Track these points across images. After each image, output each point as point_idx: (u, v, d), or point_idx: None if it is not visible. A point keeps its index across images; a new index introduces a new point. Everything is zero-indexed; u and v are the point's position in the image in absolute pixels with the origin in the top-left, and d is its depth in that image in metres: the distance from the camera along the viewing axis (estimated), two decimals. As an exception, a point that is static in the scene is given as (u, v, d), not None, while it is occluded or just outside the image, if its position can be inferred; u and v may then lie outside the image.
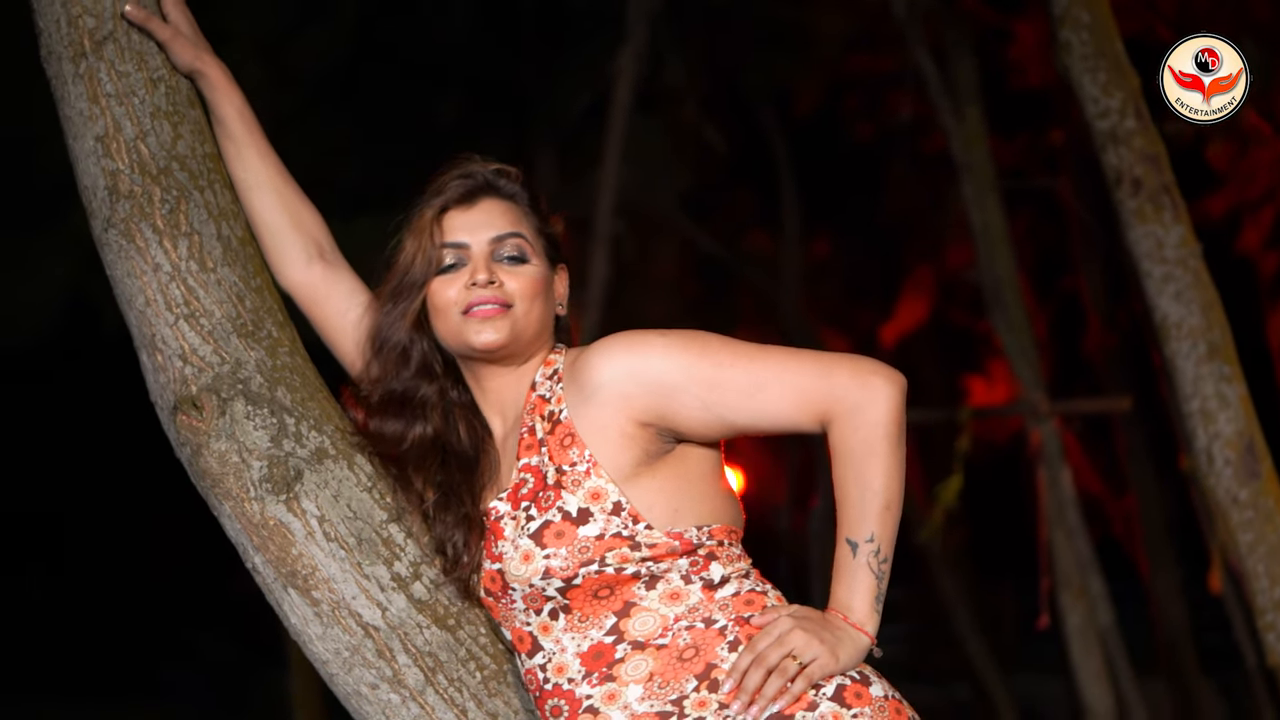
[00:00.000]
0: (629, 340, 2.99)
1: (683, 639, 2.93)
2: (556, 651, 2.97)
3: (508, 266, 3.06)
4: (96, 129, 3.17)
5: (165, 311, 3.11)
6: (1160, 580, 13.47)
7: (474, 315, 3.04)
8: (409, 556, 3.09)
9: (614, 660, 2.94)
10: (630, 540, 2.94)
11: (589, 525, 2.93)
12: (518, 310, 3.05)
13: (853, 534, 2.94)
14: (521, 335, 3.06)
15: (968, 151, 9.69)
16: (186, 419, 3.07)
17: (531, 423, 3.05)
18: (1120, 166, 6.03)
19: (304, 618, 3.08)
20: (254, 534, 3.06)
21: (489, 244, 3.06)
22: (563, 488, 2.96)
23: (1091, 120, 6.10)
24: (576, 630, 2.96)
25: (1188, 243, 6.00)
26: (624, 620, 2.95)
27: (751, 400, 2.96)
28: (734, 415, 2.97)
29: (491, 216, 3.08)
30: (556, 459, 2.98)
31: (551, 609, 2.97)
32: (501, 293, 3.04)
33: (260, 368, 3.11)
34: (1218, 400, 5.90)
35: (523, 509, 2.99)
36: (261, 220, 3.27)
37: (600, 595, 2.95)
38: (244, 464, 3.05)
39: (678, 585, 2.96)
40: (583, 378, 3.00)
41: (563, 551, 2.93)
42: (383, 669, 3.06)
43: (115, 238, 3.14)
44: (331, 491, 3.07)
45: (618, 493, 2.95)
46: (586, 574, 2.93)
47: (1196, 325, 5.94)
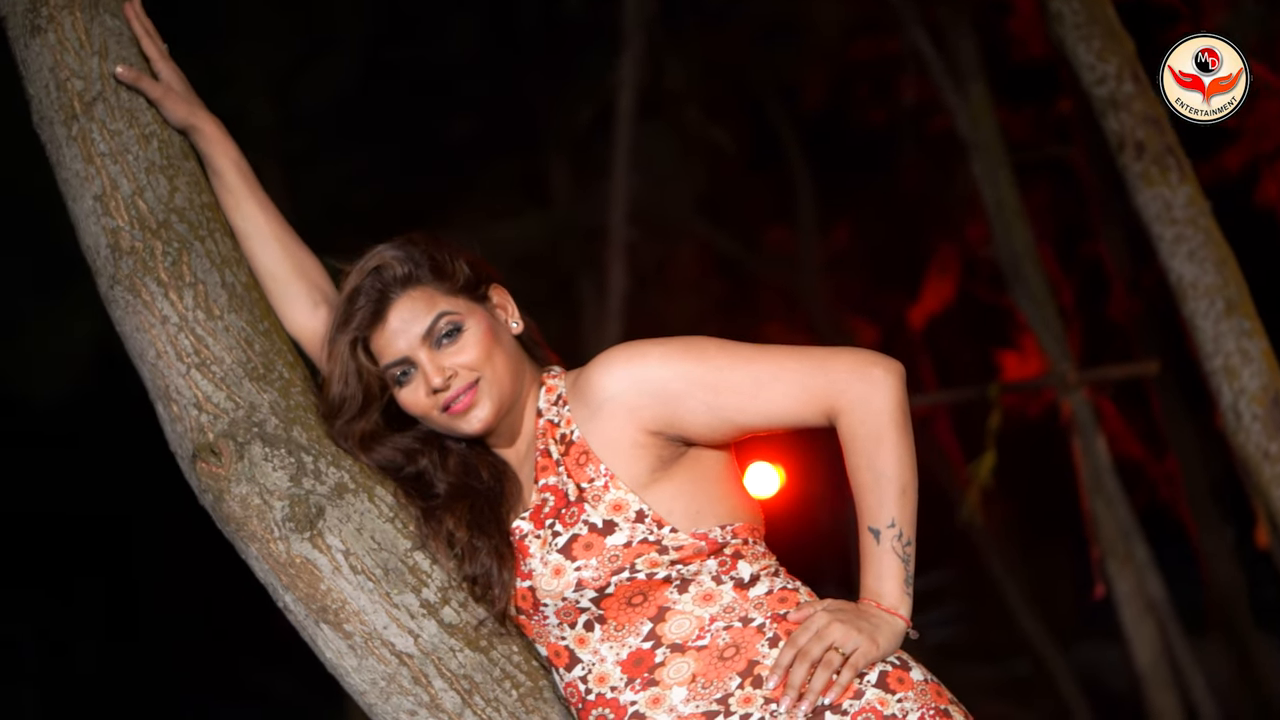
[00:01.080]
0: (628, 353, 3.04)
1: (722, 639, 2.98)
2: (596, 662, 3.01)
3: (449, 347, 3.07)
4: (94, 188, 3.22)
5: (176, 362, 3.16)
6: (1208, 540, 13.40)
7: (453, 411, 3.07)
8: (436, 582, 3.12)
9: (655, 664, 2.98)
10: (657, 545, 3.00)
11: (615, 535, 2.99)
12: (486, 376, 3.08)
13: (874, 522, 2.98)
14: (504, 393, 3.10)
15: (975, 129, 9.68)
16: (206, 466, 3.12)
17: (544, 445, 3.09)
18: (1122, 131, 6.02)
19: (338, 651, 3.12)
20: (282, 573, 3.11)
21: (421, 342, 3.07)
22: (585, 502, 3.01)
23: (1089, 88, 6.10)
24: (614, 639, 3.00)
25: (1195, 202, 5.98)
26: (660, 625, 2.99)
27: (755, 400, 3.00)
28: (739, 416, 3.01)
29: (406, 316, 3.08)
30: (575, 476, 3.04)
31: (586, 621, 3.01)
32: (462, 378, 3.07)
33: (274, 409, 3.15)
34: (1240, 356, 5.89)
35: (548, 526, 3.04)
36: (264, 269, 3.31)
37: (634, 602, 3.00)
38: (266, 505, 3.10)
39: (709, 587, 3.01)
40: (587, 395, 3.05)
41: (593, 562, 2.99)
42: (420, 695, 3.10)
43: (121, 294, 3.19)
44: (355, 525, 3.11)
45: (638, 501, 3.01)
46: (619, 582, 2.99)
47: (1212, 283, 5.93)
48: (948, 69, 9.75)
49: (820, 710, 2.90)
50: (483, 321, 3.11)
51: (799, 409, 3.01)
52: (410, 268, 3.09)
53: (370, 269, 3.09)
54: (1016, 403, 16.15)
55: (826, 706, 2.90)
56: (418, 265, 3.10)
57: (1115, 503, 9.48)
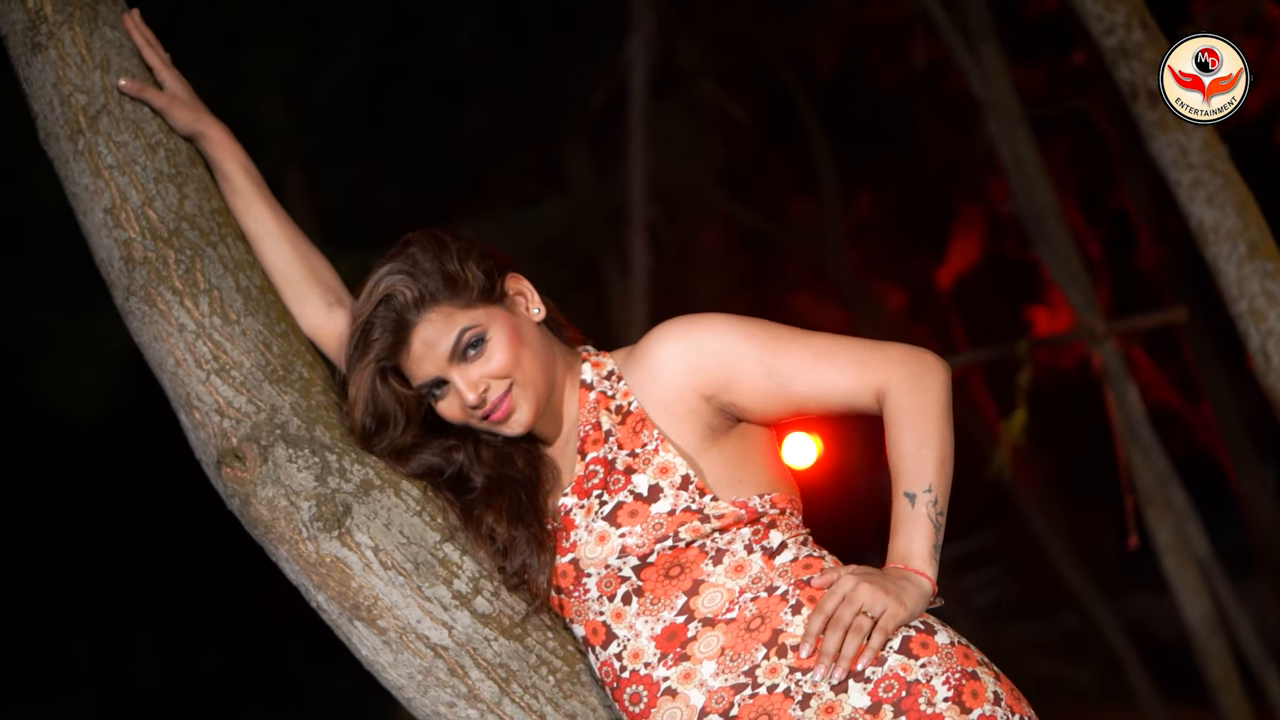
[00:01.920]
0: (690, 318, 3.09)
1: (749, 610, 2.99)
2: (631, 638, 3.02)
3: (476, 359, 3.07)
4: (104, 202, 3.23)
5: (196, 369, 3.17)
6: (1248, 482, 13.38)
7: (494, 419, 3.09)
8: (467, 573, 3.13)
9: (687, 639, 2.99)
10: (699, 513, 3.02)
11: (660, 502, 3.02)
12: (518, 379, 3.09)
13: (910, 487, 3.00)
14: (539, 389, 3.11)
15: (989, 87, 9.63)
16: (231, 471, 3.13)
17: (594, 419, 3.11)
18: (1134, 80, 5.99)
19: (374, 648, 3.13)
20: (313, 573, 3.12)
21: (448, 362, 3.07)
22: (633, 471, 3.04)
23: (1099, 38, 6.06)
24: (649, 613, 3.01)
25: (1212, 146, 5.94)
26: (694, 598, 3.01)
27: (812, 369, 3.04)
28: (796, 384, 3.04)
29: (429, 339, 3.07)
30: (627, 445, 3.06)
31: (625, 593, 3.03)
32: (495, 388, 3.08)
33: (296, 410, 3.16)
34: (1265, 298, 5.86)
35: (594, 497, 3.06)
36: (278, 270, 3.32)
37: (671, 575, 3.02)
38: (293, 506, 3.11)
39: (741, 557, 3.03)
40: (646, 360, 3.08)
41: (638, 529, 3.01)
42: (457, 687, 3.11)
43: (137, 305, 3.20)
44: (382, 521, 3.12)
45: (685, 466, 3.04)
46: (661, 550, 3.01)
47: (1233, 226, 5.89)
48: (958, 28, 9.69)
49: (844, 678, 2.90)
50: (504, 323, 3.11)
51: (852, 383, 3.05)
52: (420, 289, 3.07)
53: (379, 299, 3.07)
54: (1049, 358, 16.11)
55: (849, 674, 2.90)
56: (428, 284, 3.07)
57: (1151, 451, 9.43)
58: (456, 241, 3.14)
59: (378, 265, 3.13)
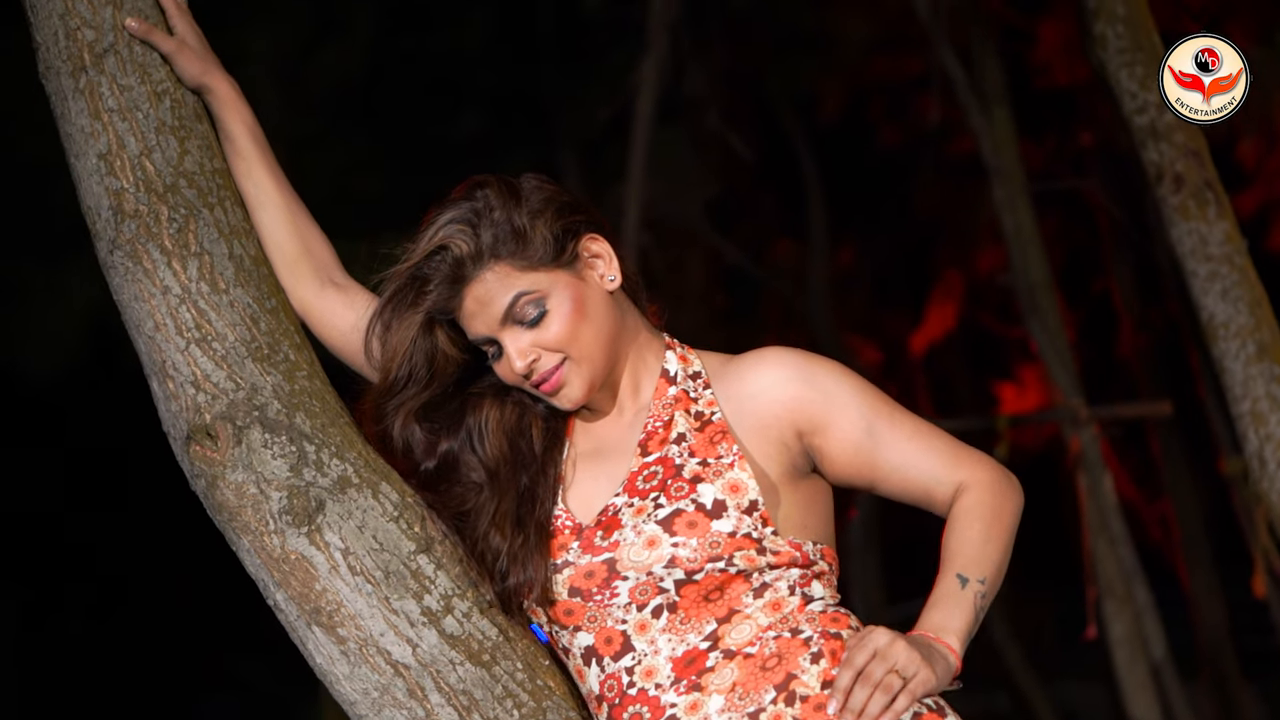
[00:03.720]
0: (805, 352, 2.94)
1: (769, 648, 2.80)
2: (649, 653, 2.82)
3: (532, 326, 2.88)
4: (99, 146, 3.00)
5: (175, 336, 2.94)
6: (1200, 584, 13.29)
7: (544, 389, 2.91)
8: (439, 589, 2.91)
9: (704, 669, 2.80)
10: (758, 544, 2.82)
11: (723, 520, 2.81)
12: (573, 353, 2.89)
13: (966, 571, 2.83)
14: (596, 367, 2.92)
15: (998, 154, 9.50)
16: (201, 449, 2.91)
17: (669, 416, 2.91)
18: (1161, 163, 5.84)
19: (329, 657, 2.91)
20: (274, 569, 2.89)
21: (500, 324, 2.89)
22: (700, 480, 2.83)
23: (1129, 116, 5.91)
24: (675, 633, 2.81)
25: (1232, 239, 5.81)
26: (724, 626, 2.82)
27: (910, 442, 2.90)
28: (888, 451, 2.89)
29: (482, 298, 2.88)
30: (700, 453, 2.86)
31: (657, 605, 2.82)
32: (547, 360, 2.89)
33: (278, 393, 2.94)
34: (1269, 401, 5.72)
35: (650, 499, 2.84)
36: (273, 240, 3.11)
37: (711, 598, 2.82)
38: (262, 495, 2.89)
39: (782, 595, 2.85)
40: (748, 376, 2.90)
41: (693, 542, 2.80)
42: (414, 709, 2.88)
43: (121, 260, 2.98)
44: (356, 522, 2.90)
45: (756, 491, 2.84)
46: (711, 570, 2.81)
47: (1245, 324, 5.75)
48: (973, 90, 9.56)
49: None
50: (567, 292, 2.89)
51: (940, 469, 2.90)
52: (480, 244, 2.86)
53: (435, 247, 2.88)
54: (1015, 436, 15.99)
55: None
56: (491, 239, 2.86)
57: (1119, 543, 9.30)
58: (535, 193, 2.92)
59: (441, 205, 2.92)
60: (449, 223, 2.88)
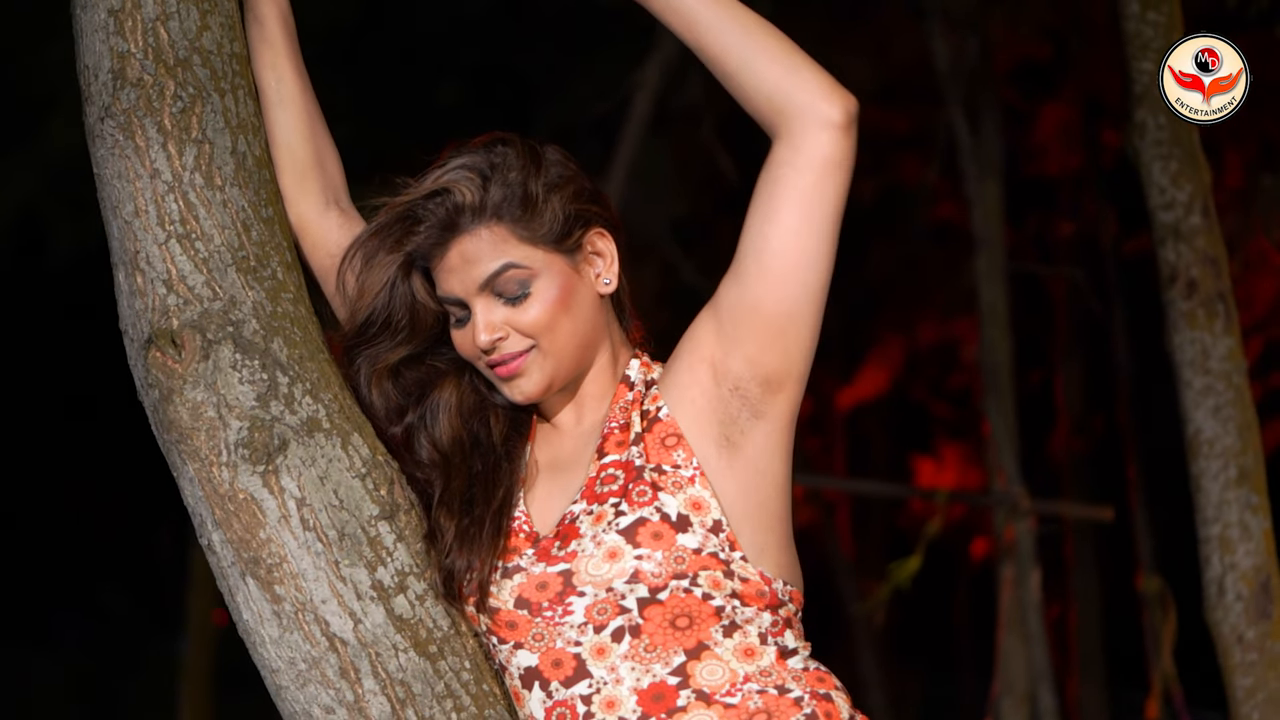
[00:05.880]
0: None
1: (754, 702, 2.51)
2: (610, 682, 2.52)
3: (510, 301, 2.60)
4: (111, 1, 2.67)
5: (156, 226, 2.60)
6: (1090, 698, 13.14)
7: (499, 372, 2.63)
8: (395, 564, 2.59)
9: (675, 708, 2.50)
10: (725, 566, 2.54)
11: (688, 535, 2.52)
12: (542, 345, 2.62)
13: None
14: (561, 366, 2.64)
15: (987, 225, 9.28)
16: (161, 356, 2.57)
17: (625, 420, 2.63)
18: (1176, 264, 5.59)
19: (259, 614, 2.58)
20: (217, 506, 2.56)
21: (478, 289, 2.61)
22: (661, 489, 2.54)
23: (1155, 210, 5.65)
24: (640, 660, 2.52)
25: (1235, 356, 5.56)
26: (693, 663, 2.52)
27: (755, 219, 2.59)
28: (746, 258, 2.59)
29: (468, 255, 2.61)
30: (655, 458, 2.56)
31: (618, 628, 2.52)
32: (514, 343, 2.62)
33: (258, 311, 2.60)
34: (1240, 530, 5.47)
35: (609, 505, 2.55)
36: (285, 143, 2.79)
37: (678, 625, 2.52)
38: (220, 421, 2.55)
39: (753, 642, 2.55)
40: (668, 368, 2.65)
41: (658, 555, 2.52)
42: (343, 692, 2.56)
43: (111, 130, 2.63)
44: (318, 471, 2.57)
45: (719, 510, 2.54)
46: (675, 589, 2.52)
47: (1231, 446, 5.50)
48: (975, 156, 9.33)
49: None
50: (558, 280, 2.62)
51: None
52: (487, 198, 2.60)
53: (438, 188, 2.60)
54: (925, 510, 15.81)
55: None
56: (500, 198, 2.60)
57: (1034, 642, 9.05)
58: (556, 166, 2.65)
59: (457, 149, 2.64)
60: (459, 168, 2.63)
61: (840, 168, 2.54)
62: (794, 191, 2.53)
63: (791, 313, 2.56)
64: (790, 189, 2.53)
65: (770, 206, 2.54)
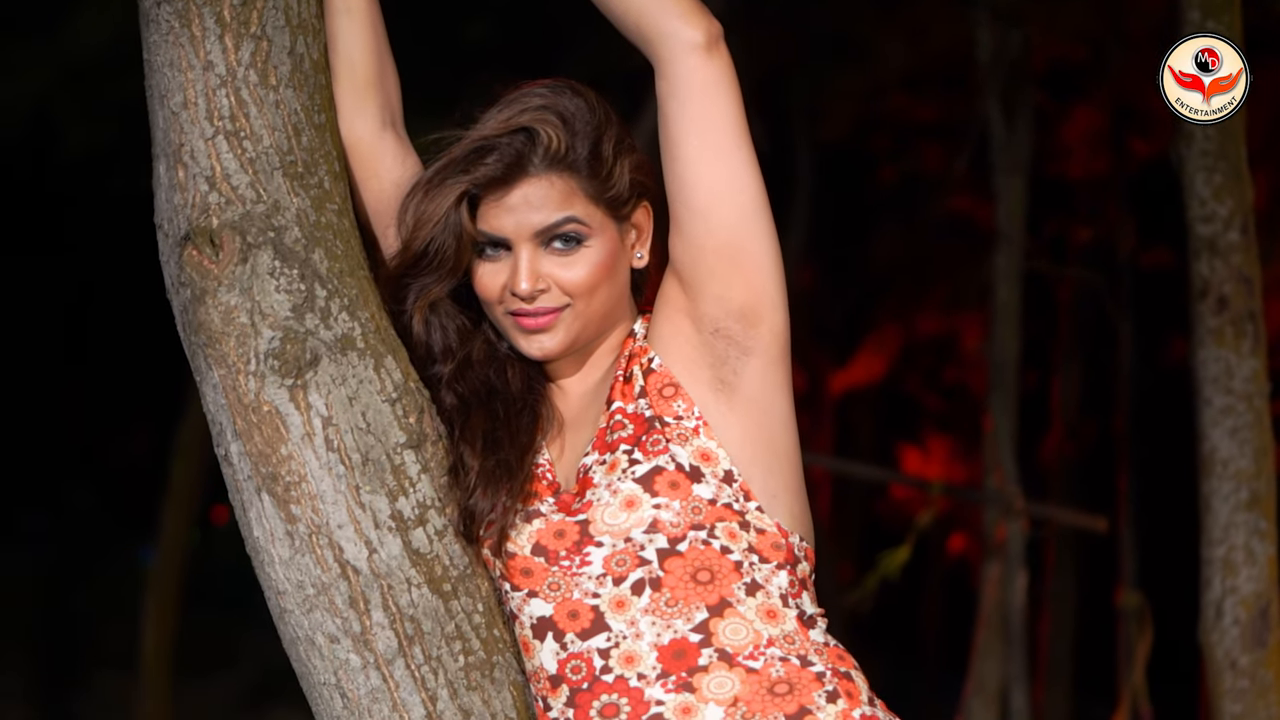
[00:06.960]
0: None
1: (776, 669, 2.45)
2: (629, 636, 2.45)
3: (559, 255, 2.54)
4: (182, -119, 2.55)
5: (204, 121, 2.49)
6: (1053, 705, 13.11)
7: (522, 322, 2.56)
8: (417, 495, 2.49)
9: (696, 667, 2.44)
10: (740, 516, 2.50)
11: (702, 485, 2.48)
12: (577, 307, 2.56)
13: None
14: (586, 330, 2.59)
15: (1009, 222, 9.19)
16: (197, 255, 2.46)
17: (629, 373, 2.56)
18: (1209, 278, 5.49)
19: (271, 534, 2.48)
20: (240, 416, 2.46)
21: (532, 238, 2.54)
22: (669, 440, 2.49)
23: (1193, 222, 5.55)
24: (660, 615, 2.45)
25: (1258, 379, 5.47)
26: (716, 620, 2.46)
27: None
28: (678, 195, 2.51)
29: (532, 199, 2.53)
30: (658, 408, 2.51)
31: (638, 580, 2.46)
32: (552, 298, 2.55)
33: (301, 219, 2.50)
34: (1245, 553, 5.39)
35: (622, 452, 2.50)
36: (347, 55, 2.68)
37: (699, 579, 2.46)
38: (253, 329, 2.45)
39: (775, 604, 2.49)
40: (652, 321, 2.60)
41: (676, 505, 2.47)
42: (350, 622, 2.47)
43: (168, 15, 2.52)
44: (348, 391, 2.47)
45: (728, 461, 2.50)
46: (694, 540, 2.46)
47: (1245, 468, 5.41)
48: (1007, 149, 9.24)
49: None
50: (608, 244, 2.56)
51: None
52: (565, 147, 2.52)
53: (520, 125, 2.52)
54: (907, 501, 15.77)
55: None
56: (575, 149, 2.53)
57: (1014, 644, 8.98)
58: (623, 133, 2.59)
59: (532, 89, 2.55)
60: (545, 108, 2.54)
61: (719, 86, 2.48)
62: (685, 122, 2.48)
63: (734, 240, 2.50)
64: (681, 121, 2.48)
65: (673, 145, 2.49)
